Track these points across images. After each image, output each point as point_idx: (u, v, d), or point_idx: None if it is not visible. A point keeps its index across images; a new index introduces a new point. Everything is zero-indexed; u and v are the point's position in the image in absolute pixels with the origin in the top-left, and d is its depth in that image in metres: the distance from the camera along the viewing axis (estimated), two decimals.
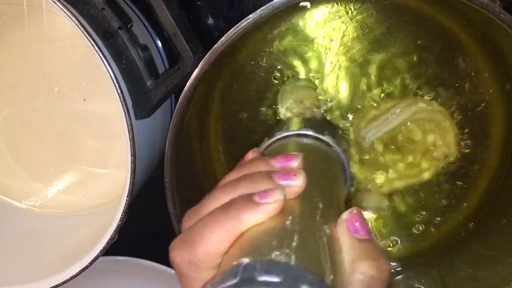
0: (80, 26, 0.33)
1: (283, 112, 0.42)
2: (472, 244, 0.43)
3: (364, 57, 0.41)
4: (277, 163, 0.27)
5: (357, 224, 0.24)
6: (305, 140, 0.33)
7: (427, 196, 0.44)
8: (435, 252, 0.45)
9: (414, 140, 0.42)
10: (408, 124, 0.41)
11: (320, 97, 0.42)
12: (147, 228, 0.54)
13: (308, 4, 0.39)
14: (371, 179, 0.44)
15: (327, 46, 0.41)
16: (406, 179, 0.43)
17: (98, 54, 0.33)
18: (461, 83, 0.41)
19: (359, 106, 0.42)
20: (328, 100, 0.42)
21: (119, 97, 0.34)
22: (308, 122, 0.35)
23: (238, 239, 0.23)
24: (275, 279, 0.18)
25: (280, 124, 0.36)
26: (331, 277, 0.21)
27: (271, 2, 0.32)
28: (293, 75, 0.42)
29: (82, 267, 0.40)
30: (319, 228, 0.23)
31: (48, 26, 0.46)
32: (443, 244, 0.45)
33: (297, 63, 0.42)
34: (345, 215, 0.24)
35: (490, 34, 0.37)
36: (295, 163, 0.27)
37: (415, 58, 0.40)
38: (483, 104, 0.41)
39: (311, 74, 0.42)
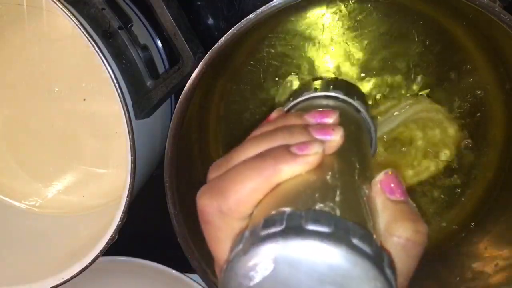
0: (80, 26, 0.32)
1: None
2: (472, 244, 0.43)
3: (364, 57, 0.41)
4: (312, 118, 0.26)
5: (392, 185, 0.23)
6: (333, 103, 0.32)
7: (427, 196, 0.44)
8: (436, 252, 0.45)
9: (414, 140, 0.42)
10: (408, 124, 0.41)
11: None
12: (147, 228, 0.54)
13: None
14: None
15: (327, 46, 0.41)
16: (406, 179, 0.43)
17: (98, 54, 0.33)
18: (461, 83, 0.41)
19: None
20: None
21: (119, 97, 0.34)
22: (337, 84, 0.33)
23: (273, 191, 0.21)
24: (325, 229, 0.17)
25: (306, 86, 0.34)
26: (374, 236, 0.19)
27: (271, 2, 0.32)
28: (293, 73, 0.42)
29: (82, 267, 0.40)
30: (359, 186, 0.22)
31: (48, 26, 0.46)
32: (443, 244, 0.45)
33: (297, 63, 0.42)
34: (380, 176, 0.23)
35: (490, 34, 0.37)
36: (331, 119, 0.26)
37: (415, 58, 0.40)
38: (483, 104, 0.41)
39: (311, 73, 0.42)
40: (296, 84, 0.42)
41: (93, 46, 0.33)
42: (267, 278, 0.17)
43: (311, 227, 0.17)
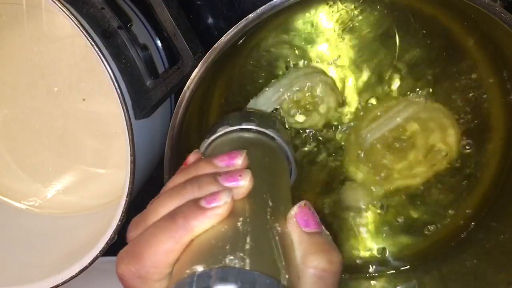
0: (79, 26, 0.32)
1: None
2: (472, 244, 0.43)
3: (364, 56, 0.41)
4: (220, 162, 0.26)
5: (306, 218, 0.24)
6: (247, 135, 0.32)
7: (428, 196, 0.44)
8: (436, 252, 0.45)
9: (415, 139, 0.42)
10: (409, 123, 0.41)
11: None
12: None
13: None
14: (370, 179, 0.44)
15: (326, 45, 0.41)
16: (406, 179, 0.43)
17: (98, 53, 0.33)
18: (461, 83, 0.40)
19: (358, 107, 0.42)
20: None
21: (119, 97, 0.34)
22: (248, 116, 0.34)
23: (188, 246, 0.22)
24: (231, 286, 0.18)
25: (220, 120, 0.35)
26: (286, 276, 0.20)
27: (271, 2, 0.32)
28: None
29: (82, 267, 0.40)
30: (271, 226, 0.23)
31: (47, 26, 0.46)
32: (443, 244, 0.45)
33: (297, 63, 0.41)
34: (294, 210, 0.24)
35: (490, 33, 0.37)
36: (239, 160, 0.26)
37: (415, 58, 0.40)
38: (483, 104, 0.41)
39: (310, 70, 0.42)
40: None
41: (92, 45, 0.33)
42: None
43: (218, 286, 0.18)
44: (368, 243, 0.46)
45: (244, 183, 0.24)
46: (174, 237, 0.22)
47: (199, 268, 0.19)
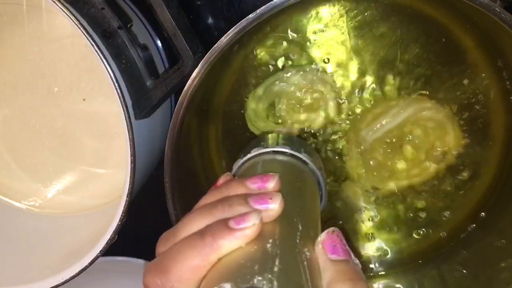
0: (79, 26, 0.32)
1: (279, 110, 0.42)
2: (472, 244, 0.43)
3: (364, 57, 0.41)
4: (253, 185, 0.27)
5: (333, 245, 0.24)
6: (281, 158, 0.33)
7: (427, 196, 0.44)
8: (436, 252, 0.45)
9: (414, 139, 0.42)
10: (408, 123, 0.41)
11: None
12: (147, 228, 0.53)
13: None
14: (371, 179, 0.44)
15: (327, 46, 0.41)
16: (406, 179, 0.43)
17: (98, 54, 0.33)
18: (461, 83, 0.40)
19: (359, 107, 0.42)
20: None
21: (119, 97, 0.34)
22: (283, 139, 0.34)
23: (216, 265, 0.22)
24: None
25: (254, 141, 0.36)
26: None
27: (271, 2, 0.32)
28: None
29: (82, 267, 0.40)
30: (300, 250, 0.23)
31: (47, 26, 0.46)
32: (443, 244, 0.45)
33: (297, 62, 0.42)
34: (322, 236, 0.24)
35: (490, 33, 0.37)
36: (271, 183, 0.26)
37: (415, 58, 0.40)
38: (483, 103, 0.41)
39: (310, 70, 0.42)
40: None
41: (92, 46, 0.33)
42: None
43: None
44: (368, 243, 0.46)
45: (274, 207, 0.24)
46: (201, 254, 0.22)
47: (227, 286, 0.19)
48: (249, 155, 0.33)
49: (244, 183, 0.27)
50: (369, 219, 0.45)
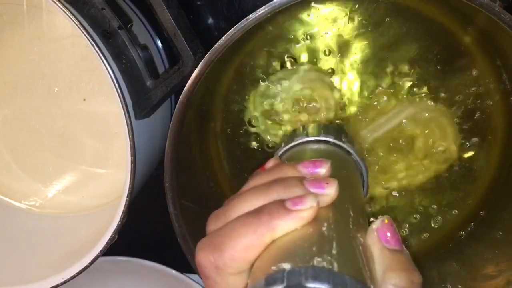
0: (79, 26, 0.32)
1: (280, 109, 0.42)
2: (472, 245, 0.43)
3: (363, 57, 0.41)
4: (304, 169, 0.27)
5: (388, 234, 0.23)
6: (325, 147, 0.33)
7: (427, 196, 0.44)
8: (436, 252, 0.45)
9: (414, 139, 0.42)
10: (408, 124, 0.41)
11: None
12: (147, 228, 0.54)
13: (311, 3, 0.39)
14: (370, 179, 0.44)
15: (327, 46, 0.41)
16: (406, 179, 0.43)
17: (98, 54, 0.33)
18: (461, 83, 0.41)
19: (358, 107, 0.42)
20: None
21: (119, 97, 0.34)
22: (326, 129, 0.34)
23: (270, 246, 0.22)
24: (324, 286, 0.18)
25: (296, 131, 0.36)
26: (372, 287, 0.20)
27: (271, 2, 0.32)
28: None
29: (82, 267, 0.40)
30: (354, 236, 0.23)
31: (47, 26, 0.46)
32: (443, 244, 0.45)
33: (297, 62, 0.42)
34: (376, 224, 0.24)
35: (490, 33, 0.37)
36: (323, 169, 0.26)
37: (414, 58, 0.40)
38: (483, 104, 0.41)
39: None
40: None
41: (93, 46, 0.33)
42: None
43: (311, 284, 0.18)
44: None
45: (330, 192, 0.24)
46: (256, 232, 0.22)
47: (287, 266, 0.19)
48: (293, 143, 0.33)
49: (296, 167, 0.27)
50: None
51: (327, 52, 0.41)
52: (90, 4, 0.35)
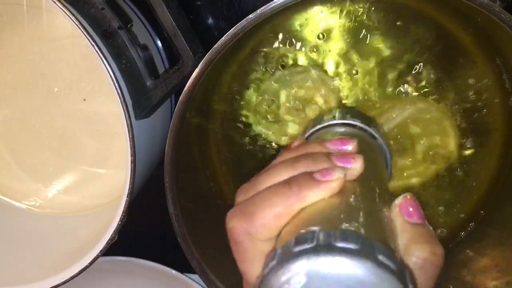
0: (79, 26, 0.32)
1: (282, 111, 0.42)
2: (472, 244, 0.43)
3: (363, 57, 0.41)
4: (332, 146, 0.28)
5: (411, 209, 0.24)
6: (351, 130, 0.34)
7: (427, 196, 0.44)
8: None
9: (414, 139, 0.42)
10: (408, 123, 0.41)
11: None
12: (147, 228, 0.54)
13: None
14: None
15: (327, 46, 0.41)
16: (406, 179, 0.43)
17: (98, 54, 0.33)
18: (461, 83, 0.41)
19: (359, 106, 0.42)
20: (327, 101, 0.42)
21: (119, 97, 0.34)
22: (353, 113, 0.35)
23: (298, 214, 0.23)
24: (353, 246, 0.18)
25: (322, 114, 0.37)
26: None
27: (271, 2, 0.32)
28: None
29: (82, 267, 0.40)
30: (380, 209, 0.24)
31: (47, 26, 0.46)
32: (443, 245, 0.44)
33: (297, 62, 0.42)
34: (399, 199, 0.25)
35: (490, 33, 0.37)
36: (350, 146, 0.28)
37: (414, 58, 0.40)
38: (483, 103, 0.41)
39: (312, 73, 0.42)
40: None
41: (93, 46, 0.33)
42: None
43: (340, 244, 0.18)
44: None
45: (356, 166, 0.25)
46: (286, 202, 0.23)
47: (315, 229, 0.20)
48: (319, 125, 0.34)
49: (323, 144, 0.28)
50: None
51: (327, 53, 0.41)
52: (90, 4, 0.35)
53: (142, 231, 0.53)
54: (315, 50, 0.41)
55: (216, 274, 0.40)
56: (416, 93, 0.41)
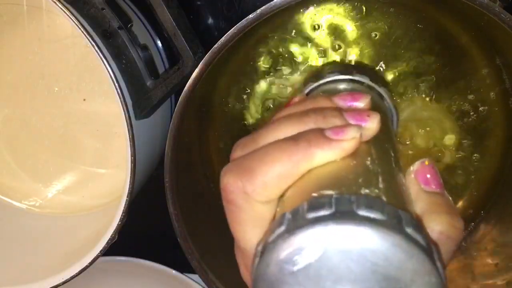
0: (80, 26, 0.32)
1: None
2: (472, 245, 0.43)
3: (363, 57, 0.41)
4: (342, 101, 0.24)
5: (428, 176, 0.22)
6: (358, 88, 0.30)
7: None
8: None
9: (414, 139, 0.42)
10: (408, 124, 0.41)
11: None
12: (147, 228, 0.54)
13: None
14: None
15: (327, 46, 0.41)
16: None
17: (98, 54, 0.33)
18: (461, 83, 0.41)
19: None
20: None
21: (119, 97, 0.34)
22: (360, 68, 0.31)
23: (305, 176, 0.20)
24: (379, 216, 0.16)
25: (325, 67, 0.32)
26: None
27: (271, 2, 0.32)
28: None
29: (82, 267, 0.40)
30: (397, 174, 0.21)
31: (47, 26, 0.46)
32: None
33: (297, 62, 0.42)
34: (416, 165, 0.22)
35: (490, 33, 0.37)
36: (362, 103, 0.24)
37: (414, 58, 0.40)
38: (483, 103, 0.41)
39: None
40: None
41: (93, 46, 0.33)
42: (314, 264, 0.16)
43: (363, 213, 0.16)
44: None
45: (372, 125, 0.22)
46: (291, 160, 0.20)
47: (330, 193, 0.17)
48: (324, 80, 0.30)
49: (332, 98, 0.24)
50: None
51: (327, 52, 0.41)
52: (90, 4, 0.35)
53: (142, 231, 0.53)
54: (315, 49, 0.41)
55: (216, 274, 0.40)
56: (416, 93, 0.41)
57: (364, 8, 0.39)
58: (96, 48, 0.33)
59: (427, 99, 0.41)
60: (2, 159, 0.52)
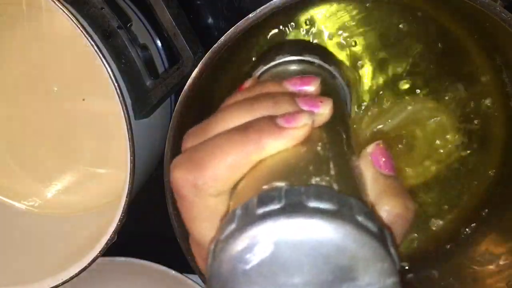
0: (79, 26, 0.32)
1: None
2: (473, 245, 0.43)
3: (363, 57, 0.41)
4: (293, 86, 0.24)
5: (383, 159, 0.22)
6: (309, 68, 0.30)
7: (427, 196, 0.44)
8: (436, 253, 0.45)
9: (414, 140, 0.42)
10: (408, 124, 0.41)
11: None
12: (147, 228, 0.54)
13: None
14: None
15: (327, 46, 0.41)
16: (406, 179, 0.43)
17: (98, 53, 0.33)
18: (462, 83, 0.40)
19: (358, 107, 0.42)
20: None
21: (119, 97, 0.34)
22: (311, 48, 0.31)
23: (257, 166, 0.20)
24: (329, 206, 0.15)
25: (274, 49, 0.32)
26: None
27: (271, 2, 0.32)
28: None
29: (82, 267, 0.40)
30: (349, 158, 0.21)
31: (47, 26, 0.46)
32: (443, 245, 0.44)
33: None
34: (370, 148, 0.22)
35: (491, 33, 0.37)
36: (312, 87, 0.24)
37: (414, 58, 0.40)
38: (484, 103, 0.41)
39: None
40: None
41: (92, 46, 0.33)
42: (266, 260, 0.15)
43: (313, 204, 0.15)
44: None
45: (324, 111, 0.22)
46: (242, 151, 0.20)
47: (281, 185, 0.17)
48: (273, 62, 0.30)
49: (282, 83, 0.24)
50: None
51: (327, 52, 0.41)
52: (90, 4, 0.35)
53: (142, 231, 0.53)
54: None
55: None
56: (416, 93, 0.41)
57: (366, 10, 0.39)
58: (96, 48, 0.33)
59: (426, 99, 0.41)
60: (2, 159, 0.52)
